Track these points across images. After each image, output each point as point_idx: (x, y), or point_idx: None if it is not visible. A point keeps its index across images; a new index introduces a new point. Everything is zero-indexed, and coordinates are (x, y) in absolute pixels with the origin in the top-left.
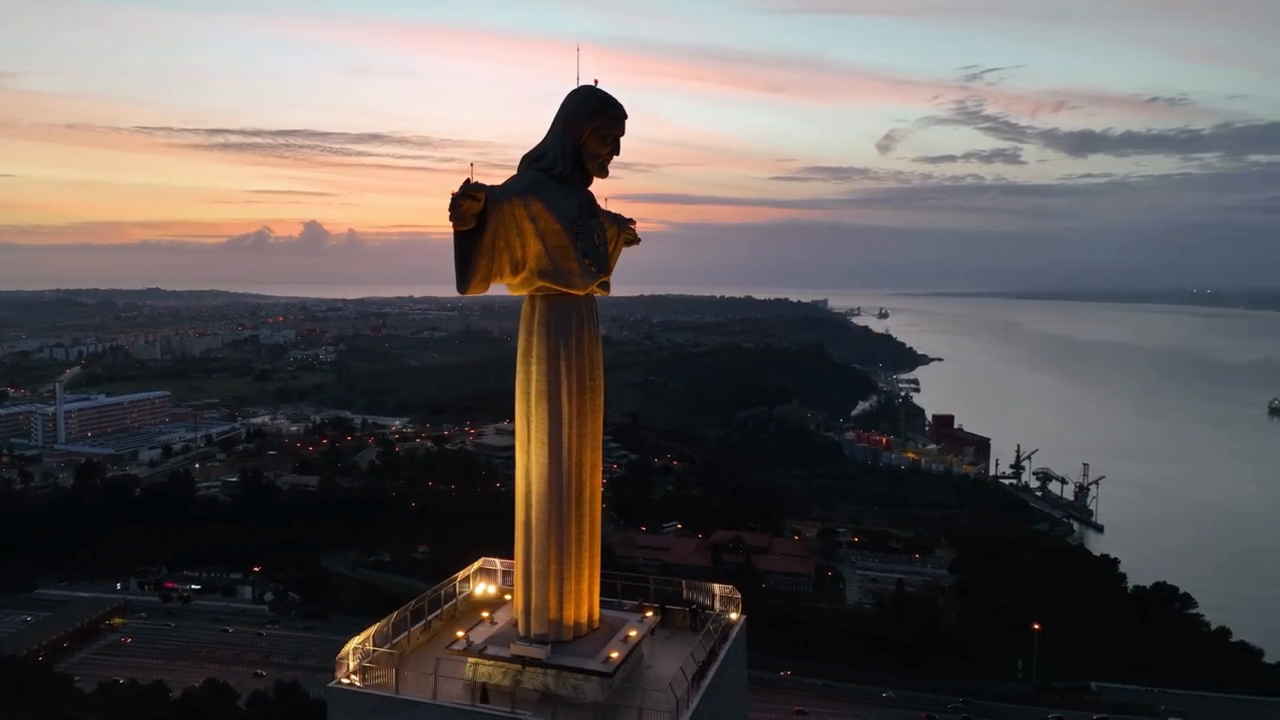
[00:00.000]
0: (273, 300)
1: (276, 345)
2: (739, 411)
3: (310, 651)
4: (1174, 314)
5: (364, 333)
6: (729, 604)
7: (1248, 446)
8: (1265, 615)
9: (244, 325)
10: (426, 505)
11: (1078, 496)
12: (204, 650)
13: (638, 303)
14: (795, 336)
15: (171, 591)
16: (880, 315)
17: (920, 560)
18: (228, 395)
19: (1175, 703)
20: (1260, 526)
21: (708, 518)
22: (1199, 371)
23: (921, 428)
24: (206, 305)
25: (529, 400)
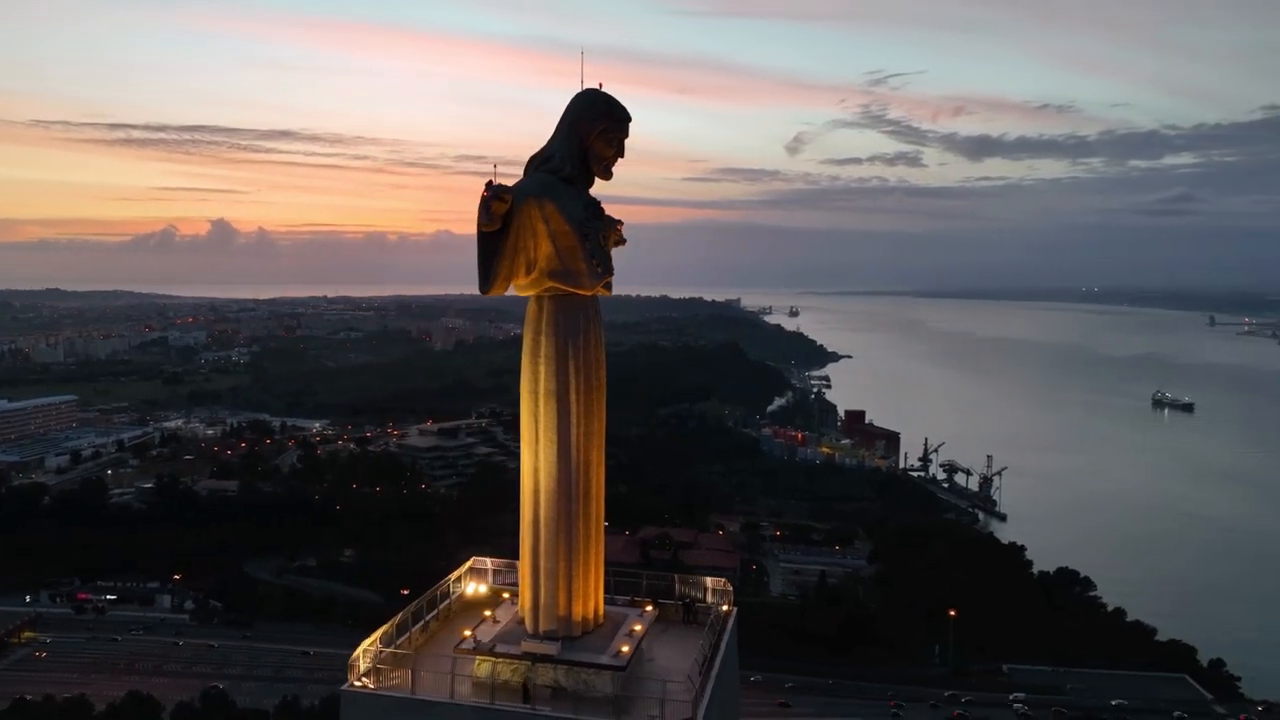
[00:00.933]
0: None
1: (187, 347)
2: (660, 409)
3: (234, 660)
4: (1065, 311)
5: (278, 334)
6: (721, 597)
7: (1135, 436)
8: (1155, 596)
9: (151, 326)
10: (351, 508)
11: (982, 487)
12: (122, 662)
13: None
14: (711, 335)
15: (85, 603)
16: (791, 314)
17: (840, 552)
18: (137, 399)
19: (1079, 680)
20: (1148, 513)
21: (634, 515)
22: (1089, 366)
23: (834, 423)
24: (110, 306)
25: (537, 399)
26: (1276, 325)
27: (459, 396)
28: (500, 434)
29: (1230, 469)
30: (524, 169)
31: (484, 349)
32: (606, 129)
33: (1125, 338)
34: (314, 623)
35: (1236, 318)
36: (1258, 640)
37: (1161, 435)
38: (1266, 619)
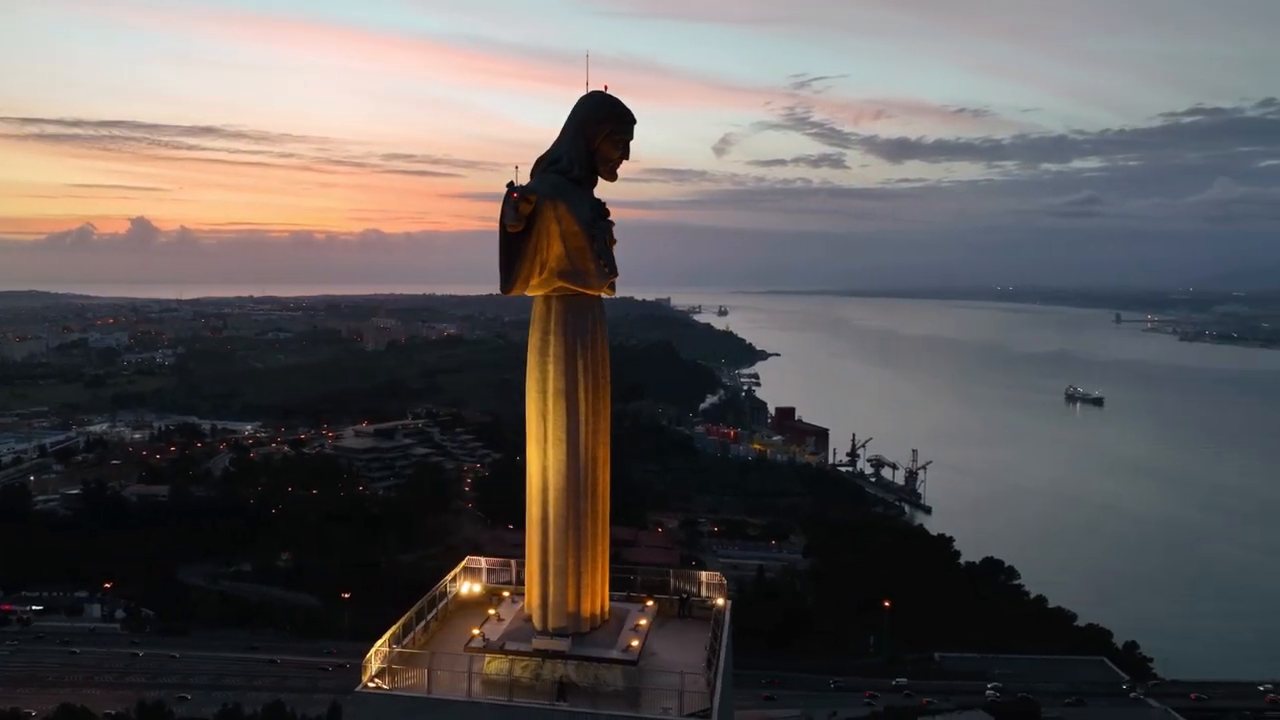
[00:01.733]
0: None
1: (108, 349)
2: None
3: (170, 669)
4: (981, 309)
5: (204, 334)
6: (714, 590)
7: (1050, 430)
8: (1074, 584)
9: (70, 328)
10: (287, 511)
11: (908, 481)
12: (51, 675)
13: (488, 301)
14: (643, 334)
15: (9, 614)
16: (720, 313)
17: (776, 546)
18: (58, 403)
19: (1006, 666)
20: (1065, 504)
21: None
22: (1005, 362)
23: (765, 420)
24: (25, 307)
25: (546, 398)
26: (1176, 322)
27: (393, 397)
28: (437, 434)
29: (1138, 461)
30: (531, 171)
31: (417, 349)
32: (613, 131)
33: (1038, 335)
34: (251, 628)
35: (1140, 315)
36: (1166, 624)
37: (1074, 429)
38: (1174, 604)
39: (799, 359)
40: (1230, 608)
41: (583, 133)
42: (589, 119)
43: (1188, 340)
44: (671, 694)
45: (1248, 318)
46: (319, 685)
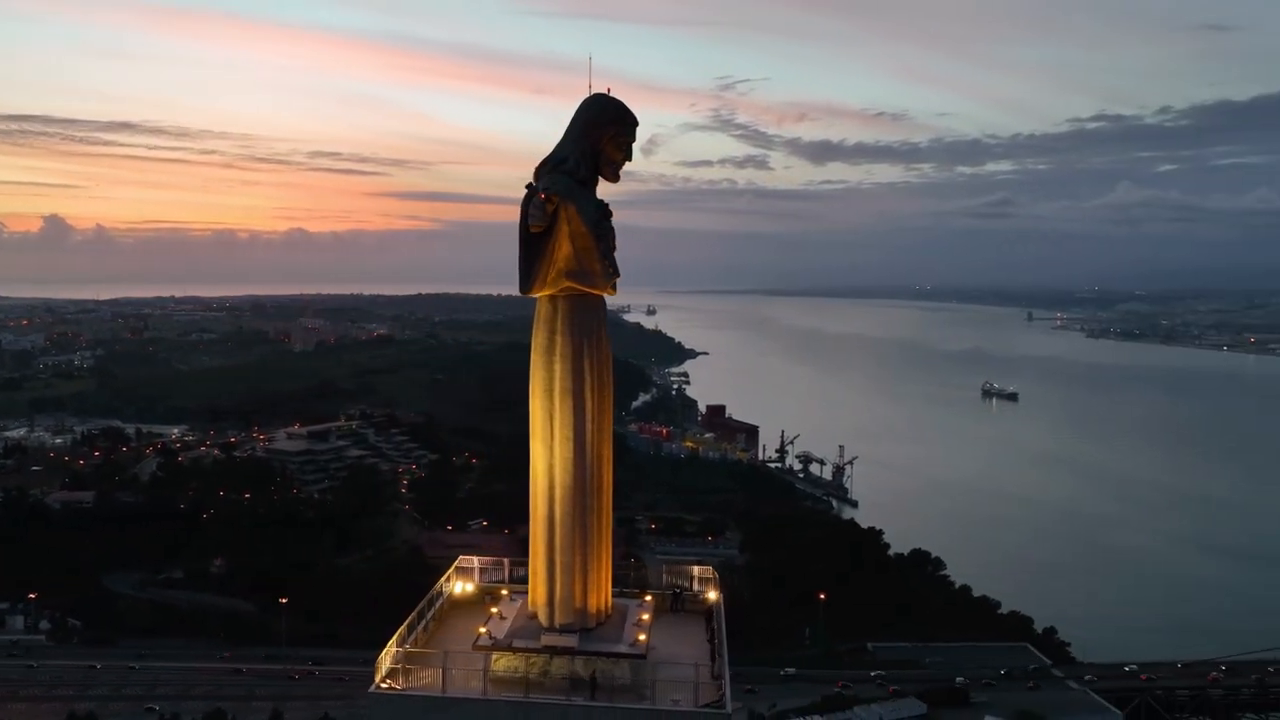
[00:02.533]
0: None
1: (22, 351)
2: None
3: (100, 679)
4: (901, 308)
5: (124, 335)
6: (705, 584)
7: (968, 425)
8: (996, 573)
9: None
10: (219, 516)
11: (835, 476)
12: None
13: (417, 301)
14: None
15: None
16: (649, 312)
17: (713, 542)
18: None
19: (936, 654)
20: (985, 496)
21: (513, 513)
22: (925, 359)
23: (695, 418)
24: None
25: (552, 397)
26: (1083, 320)
27: (325, 398)
28: (371, 436)
29: (1052, 454)
30: (534, 173)
31: (347, 349)
32: (618, 133)
33: (955, 332)
34: (185, 636)
35: (1050, 313)
36: (1082, 610)
37: (991, 423)
38: (1088, 590)
39: (727, 357)
40: (1138, 593)
41: (588, 134)
42: (595, 121)
43: (1094, 337)
44: (681, 686)
45: (1148, 315)
46: (256, 693)
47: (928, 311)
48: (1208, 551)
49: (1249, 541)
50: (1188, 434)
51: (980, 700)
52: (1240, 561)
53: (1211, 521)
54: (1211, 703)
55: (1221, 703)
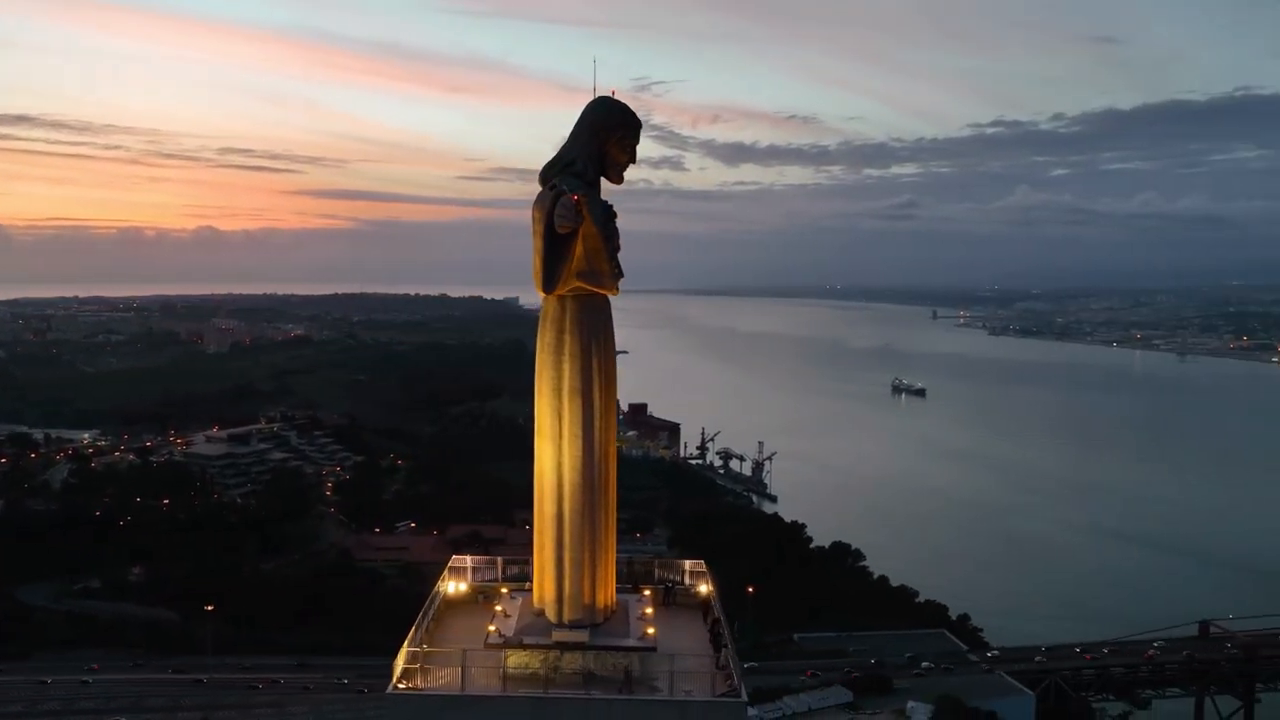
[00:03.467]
0: None
1: None
2: (451, 408)
3: (11, 696)
4: (813, 307)
5: (25, 337)
6: (696, 578)
7: (880, 420)
8: (910, 562)
9: None
10: (137, 523)
11: (755, 472)
12: None
13: (334, 301)
14: (495, 333)
15: None
16: None
17: (641, 539)
18: None
19: (860, 642)
20: (897, 489)
21: (440, 514)
22: (837, 356)
23: (617, 416)
24: None
25: (561, 396)
26: (984, 318)
27: (242, 400)
28: (294, 438)
29: (958, 447)
30: (540, 175)
31: (263, 350)
32: (624, 136)
33: (865, 330)
34: (105, 647)
35: (954, 311)
36: (991, 596)
37: (901, 418)
38: (996, 577)
39: (646, 356)
40: (1042, 579)
41: (596, 137)
42: (603, 124)
43: (995, 334)
44: (690, 677)
45: (1044, 313)
46: (181, 703)
47: (838, 310)
48: (1104, 538)
49: (1140, 528)
50: (1083, 427)
51: (902, 686)
52: (1133, 547)
53: (1106, 509)
54: (1114, 680)
55: (1122, 680)
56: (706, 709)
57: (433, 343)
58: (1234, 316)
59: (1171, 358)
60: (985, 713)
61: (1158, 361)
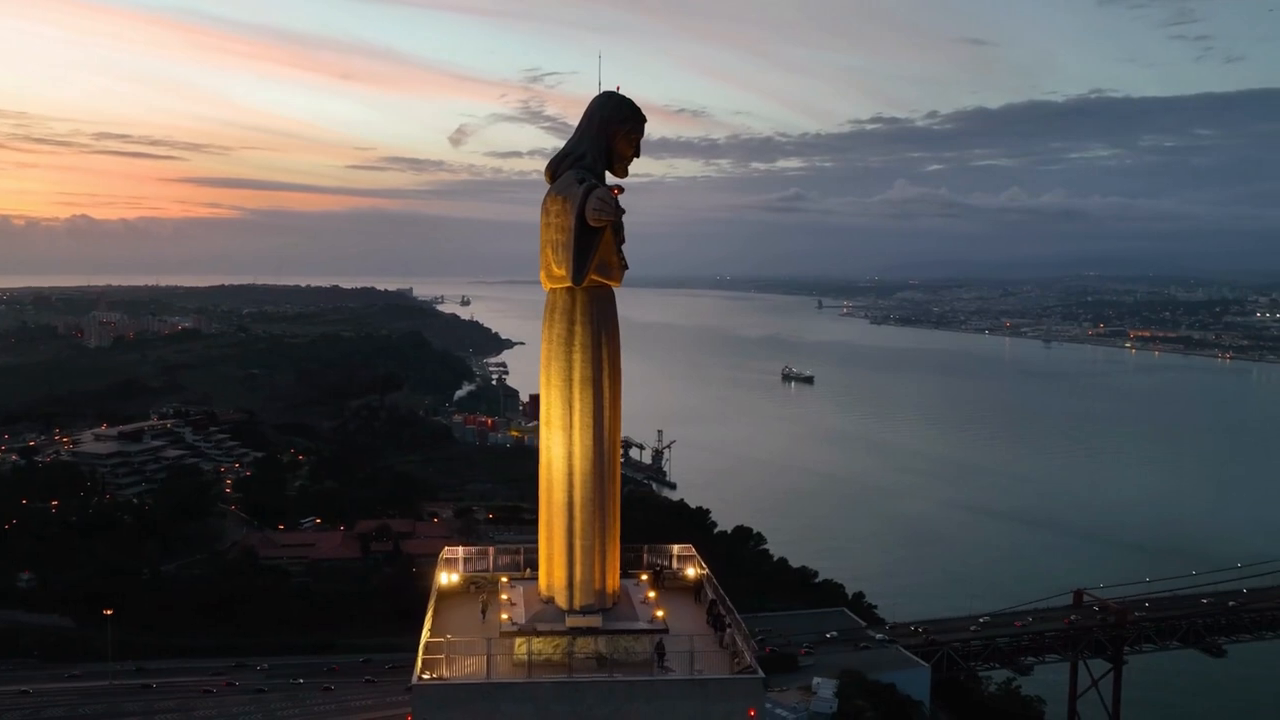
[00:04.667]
0: None
1: None
2: (350, 401)
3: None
4: (704, 297)
5: None
6: (684, 562)
7: (772, 407)
8: (808, 544)
9: None
10: (24, 526)
11: (654, 460)
12: None
13: (221, 293)
14: (391, 325)
15: None
16: (463, 303)
17: None
18: None
19: (766, 623)
20: (791, 473)
21: (346, 509)
22: (729, 345)
23: (517, 407)
24: None
25: (571, 386)
26: (866, 307)
27: (130, 397)
28: (189, 435)
29: (846, 431)
30: (549, 167)
31: (149, 344)
32: (630, 130)
33: (755, 320)
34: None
35: (838, 301)
36: (881, 573)
37: (792, 405)
38: (885, 555)
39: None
40: (928, 555)
41: (604, 131)
42: (610, 118)
43: (877, 323)
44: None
45: (922, 303)
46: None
47: (729, 300)
48: (982, 515)
49: (1015, 505)
50: (960, 410)
51: (808, 664)
52: (1009, 523)
53: (983, 488)
54: (999, 650)
55: (1007, 648)
56: (726, 686)
57: (328, 335)
58: (1091, 305)
59: (1038, 344)
60: (885, 685)
61: (1026, 348)
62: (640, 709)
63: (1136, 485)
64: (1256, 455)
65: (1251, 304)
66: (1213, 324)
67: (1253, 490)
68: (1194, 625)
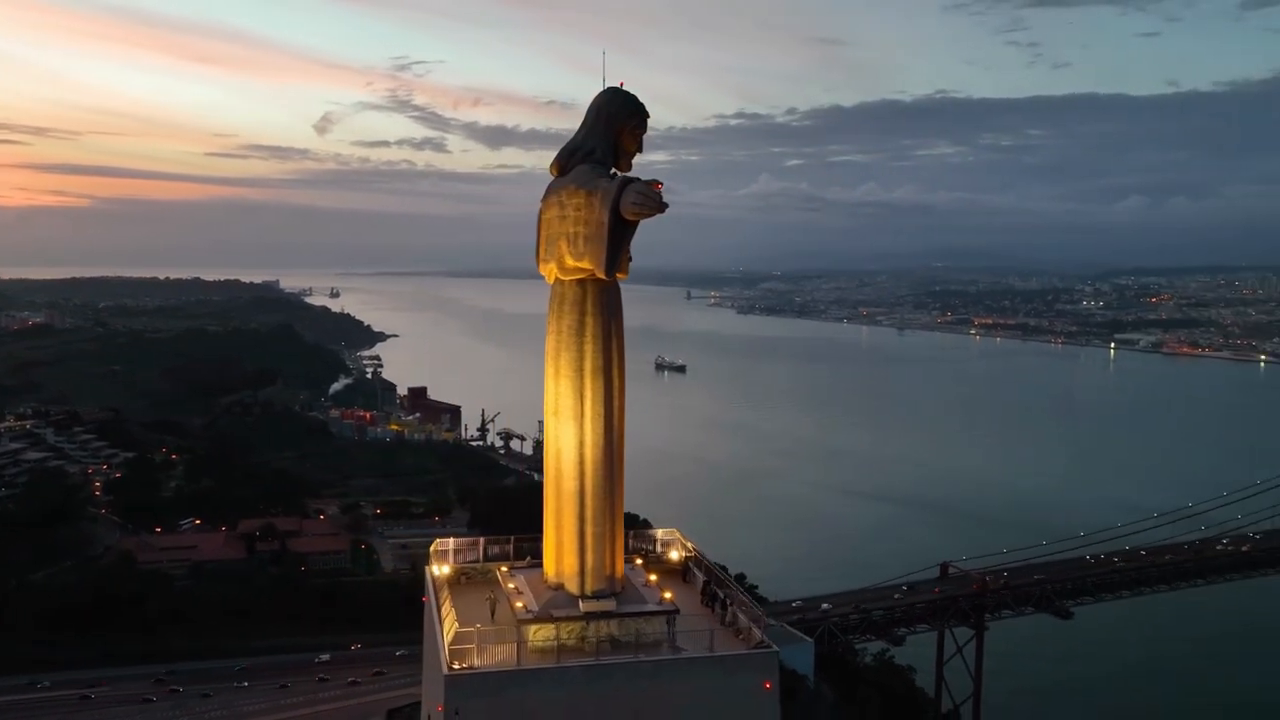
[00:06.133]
0: None
1: None
2: (222, 397)
3: None
4: None
5: None
6: (667, 546)
7: (647, 396)
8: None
9: None
10: None
11: (536, 451)
12: None
13: (73, 286)
14: (260, 318)
15: None
16: (332, 295)
17: (441, 522)
18: None
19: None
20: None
21: (227, 508)
22: None
23: (395, 400)
24: None
25: (583, 376)
26: (733, 298)
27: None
28: (51, 436)
29: (719, 418)
30: (557, 161)
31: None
32: (636, 126)
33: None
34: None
35: (706, 292)
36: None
37: (666, 393)
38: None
39: (418, 339)
40: (802, 535)
41: (611, 127)
42: (617, 114)
43: (743, 313)
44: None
45: (784, 293)
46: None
47: None
48: (850, 495)
49: (880, 484)
50: (824, 395)
51: None
52: (876, 502)
53: (850, 469)
54: (875, 623)
55: (882, 621)
56: (742, 661)
57: (193, 329)
58: (939, 295)
59: (892, 332)
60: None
61: (881, 335)
62: (663, 687)
63: (989, 463)
64: (1090, 431)
65: (1079, 293)
66: (1046, 311)
67: (1090, 464)
68: (1045, 591)
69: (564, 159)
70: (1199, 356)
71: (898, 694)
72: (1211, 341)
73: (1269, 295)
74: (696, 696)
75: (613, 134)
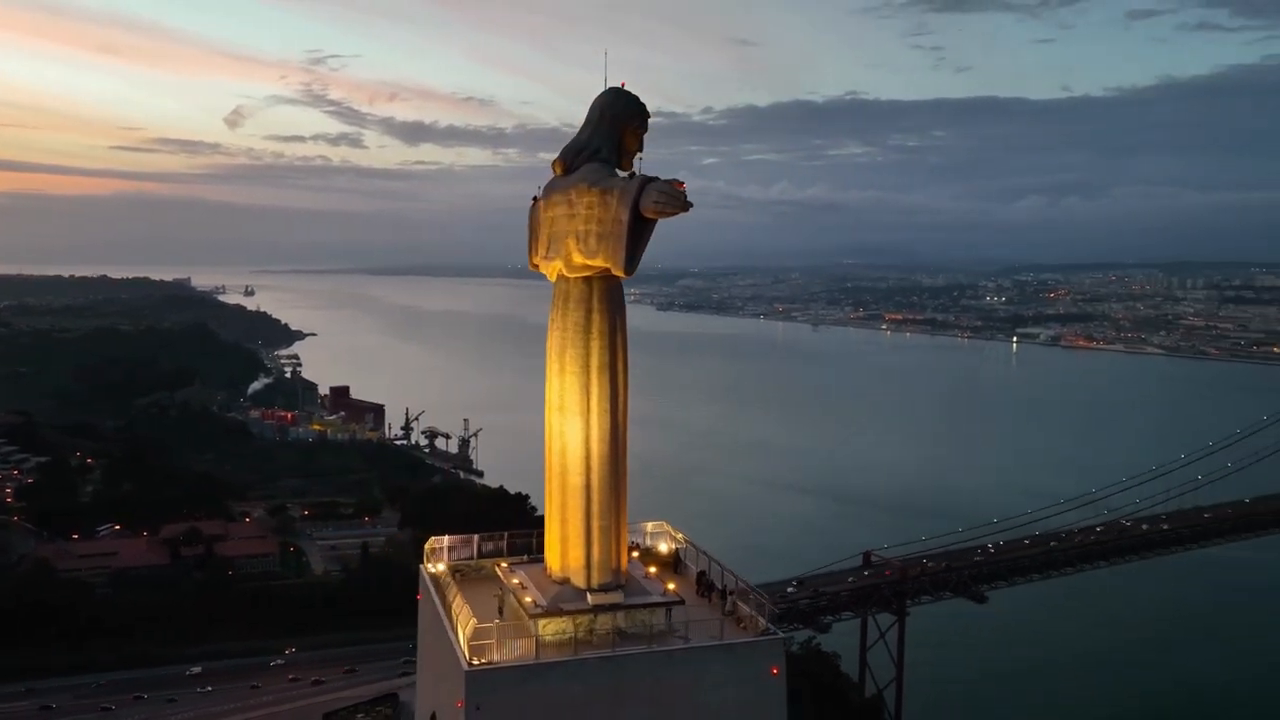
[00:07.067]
0: None
1: None
2: (136, 399)
3: None
4: (495, 286)
5: None
6: (657, 538)
7: None
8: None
9: None
10: None
11: (461, 449)
12: None
13: None
14: (173, 316)
15: None
16: (247, 293)
17: (371, 523)
18: None
19: None
20: None
21: (148, 513)
22: (522, 333)
23: (316, 400)
24: None
25: (589, 372)
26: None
27: None
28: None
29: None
30: (561, 160)
31: None
32: (639, 126)
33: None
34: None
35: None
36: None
37: None
38: (690, 531)
39: (337, 337)
40: (728, 528)
41: (614, 127)
42: (621, 114)
43: (663, 309)
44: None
45: (702, 290)
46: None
47: (518, 288)
48: (773, 488)
49: (801, 477)
50: (743, 390)
51: None
52: (798, 495)
53: (771, 463)
54: (801, 611)
55: (808, 609)
56: (751, 648)
57: (103, 328)
58: (851, 291)
59: (807, 328)
60: None
61: (796, 331)
62: (677, 676)
63: (905, 454)
64: (999, 422)
65: (982, 289)
66: (952, 307)
67: (999, 454)
68: (961, 576)
69: (569, 157)
70: (1094, 349)
71: (825, 682)
72: (1105, 335)
73: (1155, 291)
74: (709, 684)
75: (617, 133)
